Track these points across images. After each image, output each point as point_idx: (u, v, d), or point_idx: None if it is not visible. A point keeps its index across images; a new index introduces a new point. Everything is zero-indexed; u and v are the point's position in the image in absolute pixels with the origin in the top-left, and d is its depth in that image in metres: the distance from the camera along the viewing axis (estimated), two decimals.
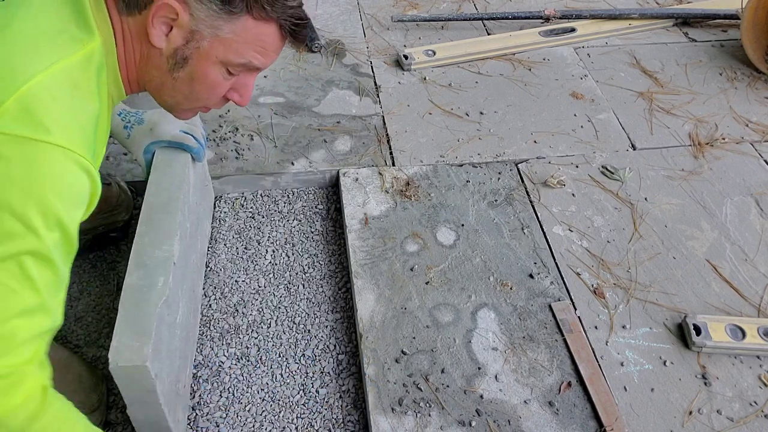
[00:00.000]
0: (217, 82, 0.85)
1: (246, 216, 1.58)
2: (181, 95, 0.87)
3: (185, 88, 0.85)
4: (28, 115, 0.66)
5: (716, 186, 1.65)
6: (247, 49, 0.82)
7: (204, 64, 0.82)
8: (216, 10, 0.77)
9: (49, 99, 0.68)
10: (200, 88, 0.85)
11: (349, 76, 2.00)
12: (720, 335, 1.27)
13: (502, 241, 1.48)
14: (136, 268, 1.00)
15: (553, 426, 1.16)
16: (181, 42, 0.80)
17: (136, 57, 0.82)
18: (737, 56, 2.14)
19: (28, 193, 0.66)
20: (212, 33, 0.79)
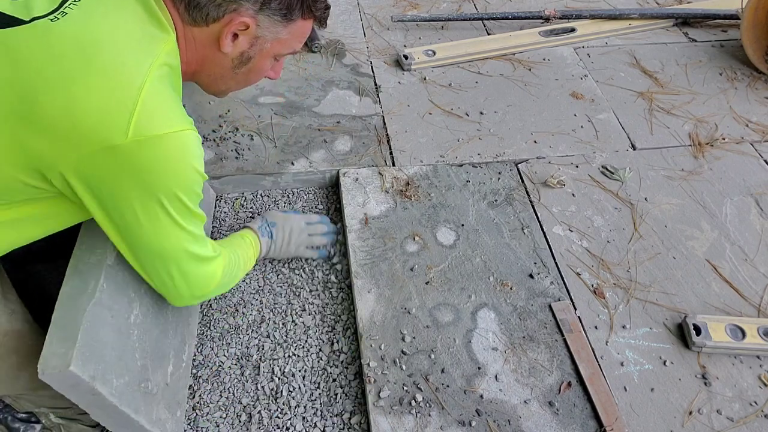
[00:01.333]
0: (266, 70, 1.02)
1: (246, 216, 1.58)
2: (234, 83, 1.02)
3: (242, 78, 1.01)
4: (155, 115, 0.79)
5: (716, 186, 1.65)
6: (295, 42, 0.99)
7: (263, 60, 0.98)
8: (279, 20, 0.92)
9: (161, 96, 0.81)
10: (253, 77, 1.02)
11: (349, 76, 2.00)
12: (720, 335, 1.27)
13: (502, 241, 1.48)
14: (72, 276, 0.99)
15: (553, 426, 1.16)
16: (246, 46, 0.94)
17: (198, 58, 0.94)
18: (737, 56, 2.14)
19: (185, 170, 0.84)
20: (273, 36, 0.94)
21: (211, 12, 0.87)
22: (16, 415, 1.12)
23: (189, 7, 0.87)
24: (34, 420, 1.12)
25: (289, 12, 0.92)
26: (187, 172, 0.85)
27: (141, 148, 0.77)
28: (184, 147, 0.83)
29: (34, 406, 1.08)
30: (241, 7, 0.88)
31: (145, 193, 0.82)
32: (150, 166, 0.79)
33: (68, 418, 1.11)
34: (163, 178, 0.82)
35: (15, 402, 1.06)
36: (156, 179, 0.81)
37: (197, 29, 0.89)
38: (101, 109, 0.75)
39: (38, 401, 1.07)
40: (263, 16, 0.90)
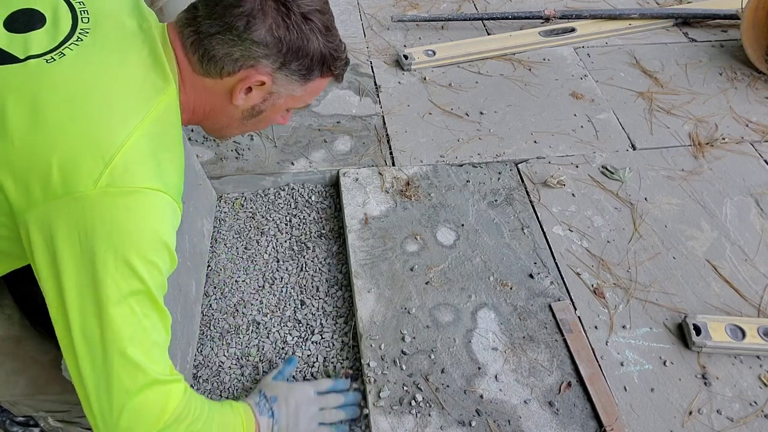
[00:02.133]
0: (277, 121, 0.99)
1: (246, 216, 1.58)
2: (239, 131, 0.99)
3: (250, 128, 0.98)
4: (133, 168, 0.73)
5: (716, 186, 1.65)
6: (309, 98, 0.96)
7: (274, 113, 0.95)
8: (296, 79, 0.89)
9: (146, 152, 0.75)
10: (261, 126, 0.98)
11: (349, 76, 2.00)
12: (720, 335, 1.27)
13: (502, 241, 1.48)
14: None
15: (553, 426, 1.16)
16: (259, 101, 0.91)
17: (206, 108, 0.91)
18: (737, 56, 2.14)
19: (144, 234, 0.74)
20: (288, 93, 0.91)
21: (226, 66, 0.84)
22: (14, 419, 1.11)
23: (203, 58, 0.84)
24: (33, 423, 1.12)
25: (308, 73, 0.89)
26: (151, 237, 0.75)
27: (106, 200, 0.71)
28: (155, 208, 0.75)
29: (32, 410, 1.07)
30: (259, 64, 0.84)
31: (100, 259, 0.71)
32: (112, 220, 0.71)
33: (67, 421, 1.11)
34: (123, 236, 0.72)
35: (13, 406, 1.06)
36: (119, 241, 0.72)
37: (209, 80, 0.86)
38: (76, 158, 0.70)
39: (36, 405, 1.06)
40: (281, 75, 0.87)
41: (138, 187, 0.73)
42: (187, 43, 0.84)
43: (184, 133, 1.21)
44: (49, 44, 0.77)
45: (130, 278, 0.73)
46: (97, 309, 0.72)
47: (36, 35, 0.77)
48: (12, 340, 0.98)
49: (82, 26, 0.80)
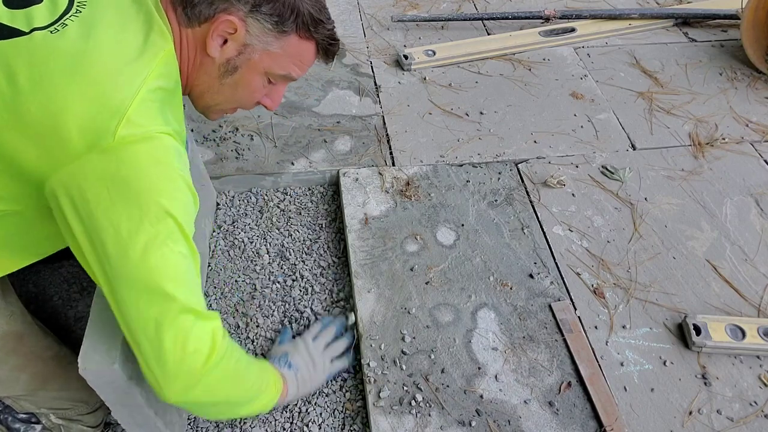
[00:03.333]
0: (257, 89, 0.95)
1: (246, 216, 1.58)
2: (222, 98, 0.96)
3: (229, 92, 0.94)
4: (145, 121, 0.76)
5: (716, 186, 1.65)
6: (289, 63, 0.93)
7: (251, 73, 0.92)
8: (269, 28, 0.87)
9: (153, 107, 0.78)
10: (242, 93, 0.95)
11: (349, 76, 2.00)
12: (720, 335, 1.27)
13: (502, 241, 1.48)
14: None
15: (553, 426, 1.16)
16: (234, 53, 0.89)
17: (190, 64, 0.90)
18: (737, 56, 2.14)
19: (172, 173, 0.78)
20: (263, 47, 0.89)
21: (203, 10, 0.85)
22: (16, 415, 1.12)
23: (185, 6, 0.85)
24: (35, 421, 1.12)
25: (280, 20, 0.87)
26: (178, 181, 0.79)
27: (128, 149, 0.74)
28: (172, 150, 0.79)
29: (34, 407, 1.08)
30: (232, 7, 0.85)
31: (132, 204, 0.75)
32: (137, 166, 0.75)
33: (69, 418, 1.11)
34: (151, 179, 0.76)
35: (15, 403, 1.06)
36: (146, 185, 0.75)
37: (190, 31, 0.87)
38: (89, 114, 0.73)
39: (38, 402, 1.07)
40: (253, 20, 0.86)
41: (153, 133, 0.76)
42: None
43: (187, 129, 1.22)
44: (50, 17, 0.79)
45: (164, 219, 0.76)
46: (138, 255, 0.75)
47: (37, 9, 0.80)
48: (14, 336, 0.99)
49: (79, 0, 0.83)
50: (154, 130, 0.76)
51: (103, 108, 0.73)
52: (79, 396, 1.09)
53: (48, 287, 1.40)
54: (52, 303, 1.37)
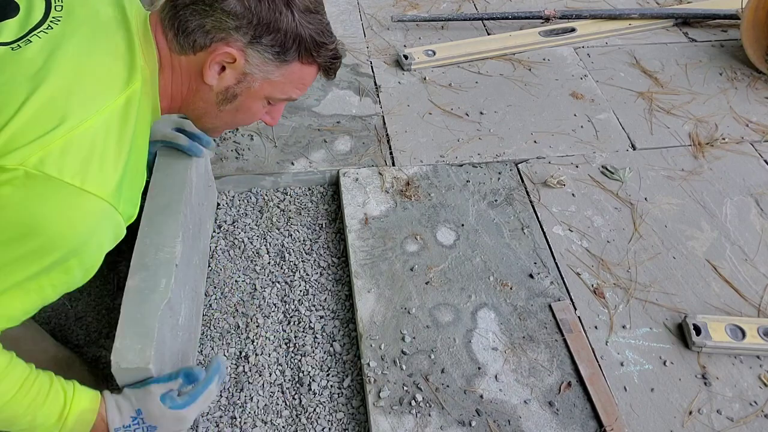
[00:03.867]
0: (258, 112, 0.93)
1: (246, 216, 1.58)
2: (221, 122, 0.94)
3: (229, 117, 0.92)
4: (69, 160, 0.69)
5: (716, 186, 1.65)
6: (291, 88, 0.90)
7: (251, 100, 0.89)
8: (270, 58, 0.84)
9: (92, 147, 0.71)
10: (242, 117, 0.93)
11: (349, 76, 2.00)
12: (720, 335, 1.27)
13: (502, 241, 1.48)
14: (139, 269, 1.00)
15: (553, 426, 1.16)
16: (232, 82, 0.86)
17: (183, 90, 0.87)
18: (737, 56, 2.14)
19: (57, 234, 0.69)
20: (263, 76, 0.86)
21: (198, 39, 0.81)
22: None
23: (177, 33, 0.82)
24: None
25: (282, 51, 0.84)
26: (58, 241, 0.70)
27: (24, 182, 0.67)
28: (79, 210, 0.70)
29: None
30: (230, 37, 0.81)
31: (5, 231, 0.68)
32: (24, 205, 0.67)
33: None
34: (27, 227, 0.68)
35: None
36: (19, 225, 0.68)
37: (184, 58, 0.84)
38: (16, 134, 0.67)
39: None
40: (253, 51, 0.83)
41: (69, 183, 0.69)
42: (165, 19, 0.83)
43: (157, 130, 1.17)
44: (17, 33, 0.76)
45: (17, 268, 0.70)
46: None
47: (7, 24, 0.77)
48: (10, 340, 0.98)
49: (54, 14, 0.79)
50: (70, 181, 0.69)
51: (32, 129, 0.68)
52: None
53: None
54: (52, 302, 1.37)
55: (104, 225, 0.73)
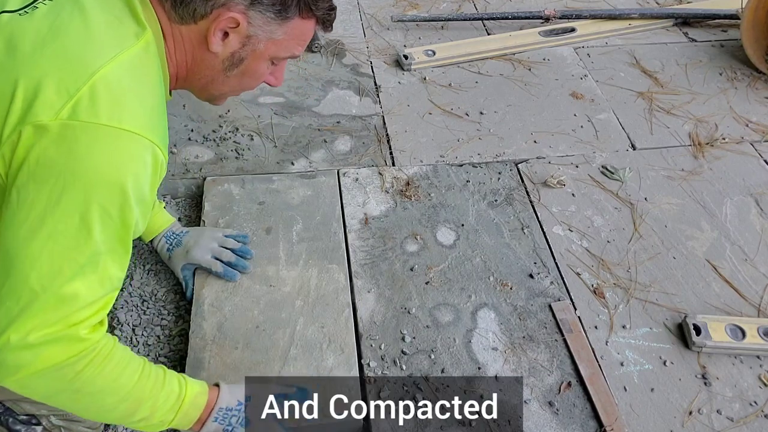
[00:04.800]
0: (264, 74, 0.93)
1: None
2: (228, 88, 0.94)
3: (235, 82, 0.92)
4: (100, 103, 0.70)
5: (716, 186, 1.65)
6: (294, 45, 0.90)
7: (257, 62, 0.89)
8: (272, 17, 0.84)
9: (118, 87, 0.72)
10: (249, 81, 0.93)
11: (349, 76, 2.00)
12: (720, 335, 1.27)
13: (502, 241, 1.48)
14: None
15: (553, 426, 1.16)
16: (237, 46, 0.86)
17: (187, 59, 0.87)
18: (737, 56, 2.14)
19: (101, 176, 0.70)
20: (267, 36, 0.86)
21: (198, 8, 0.81)
22: (17, 417, 1.11)
23: (176, 3, 0.81)
24: (35, 422, 1.12)
25: (284, 9, 0.83)
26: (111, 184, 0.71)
27: (67, 133, 0.68)
28: (124, 150, 0.71)
29: (34, 409, 1.07)
30: (231, 2, 0.80)
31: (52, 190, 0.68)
32: (69, 156, 0.68)
33: (69, 419, 1.11)
34: (81, 176, 0.69)
35: (15, 405, 1.06)
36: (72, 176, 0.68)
37: (185, 27, 0.83)
38: (41, 88, 0.69)
39: (38, 404, 1.06)
40: (255, 13, 0.82)
41: (106, 125, 0.70)
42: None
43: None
44: (23, 2, 0.78)
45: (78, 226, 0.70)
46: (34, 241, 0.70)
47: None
48: None
49: None
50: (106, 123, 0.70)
51: (55, 80, 0.69)
52: None
53: None
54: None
55: (148, 160, 0.75)
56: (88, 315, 0.75)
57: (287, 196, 1.54)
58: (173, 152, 1.66)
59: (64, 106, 0.69)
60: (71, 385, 0.77)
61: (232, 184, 1.56)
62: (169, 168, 1.61)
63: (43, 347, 0.72)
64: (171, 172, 1.60)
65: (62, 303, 0.72)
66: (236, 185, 1.56)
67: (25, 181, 0.69)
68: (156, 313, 1.33)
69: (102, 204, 0.71)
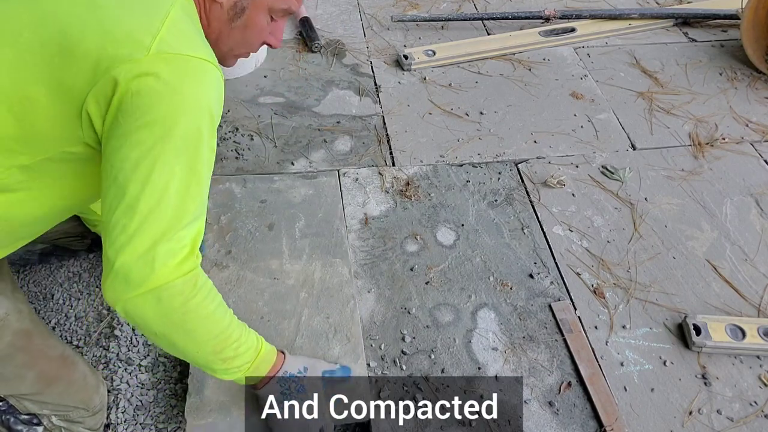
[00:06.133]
0: (264, 28, 0.99)
1: None
2: (234, 42, 0.99)
3: (239, 35, 0.98)
4: (178, 37, 0.80)
5: (716, 186, 1.65)
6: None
7: (256, 13, 0.96)
8: None
9: (184, 25, 0.82)
10: (251, 34, 0.98)
11: (349, 76, 2.00)
12: (720, 335, 1.27)
13: (502, 241, 1.48)
14: None
15: (553, 426, 1.16)
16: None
17: (202, 13, 0.94)
18: (737, 56, 2.14)
19: (196, 101, 0.79)
20: None
21: None
22: (18, 416, 1.12)
23: None
24: (36, 422, 1.12)
25: None
26: (201, 106, 0.80)
27: (161, 62, 0.77)
28: (208, 76, 0.81)
29: (37, 408, 1.08)
30: None
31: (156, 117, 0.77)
32: (167, 84, 0.77)
33: (70, 420, 1.11)
34: (180, 102, 0.78)
35: (18, 403, 1.06)
36: (172, 102, 0.77)
37: None
38: (126, 31, 0.77)
39: (41, 403, 1.07)
40: None
41: (191, 55, 0.79)
42: None
43: None
44: None
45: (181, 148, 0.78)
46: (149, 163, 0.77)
47: None
48: (23, 334, 0.99)
49: None
50: (188, 53, 0.79)
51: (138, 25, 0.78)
52: (80, 397, 1.09)
53: (49, 286, 1.40)
54: (53, 302, 1.37)
55: (219, 83, 0.84)
56: (194, 233, 0.81)
57: (289, 194, 1.54)
58: None
59: (152, 42, 0.77)
60: (176, 312, 0.81)
61: (233, 183, 1.56)
62: None
63: (162, 261, 0.77)
64: None
65: (175, 217, 0.78)
66: (237, 184, 1.56)
67: (130, 109, 0.76)
68: None
69: (200, 126, 0.80)
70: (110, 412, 1.19)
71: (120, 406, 1.19)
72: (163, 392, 1.22)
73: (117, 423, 1.18)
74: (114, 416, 1.18)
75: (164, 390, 1.22)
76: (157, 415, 1.19)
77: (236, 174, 1.61)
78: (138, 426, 1.17)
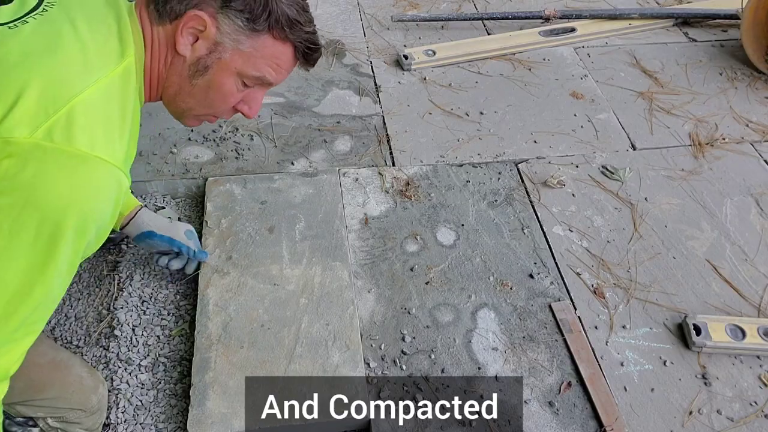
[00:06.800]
0: (231, 92, 0.90)
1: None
2: (194, 101, 0.91)
3: (201, 94, 0.90)
4: (76, 128, 0.70)
5: (716, 186, 1.65)
6: (263, 64, 0.88)
7: (222, 74, 0.87)
8: (241, 26, 0.84)
9: (94, 114, 0.73)
10: (215, 96, 0.90)
11: (349, 76, 2.00)
12: (720, 335, 1.27)
13: (502, 241, 1.48)
14: None
15: (553, 426, 1.16)
16: (204, 52, 0.85)
17: (161, 64, 0.87)
18: (737, 56, 2.14)
19: (70, 202, 0.69)
20: (234, 46, 0.85)
21: (175, 6, 0.82)
22: (13, 419, 1.11)
23: (157, 1, 0.83)
24: (32, 424, 1.12)
25: (252, 18, 0.83)
26: (78, 211, 0.70)
27: (38, 154, 0.67)
28: (92, 178, 0.71)
29: (31, 412, 1.07)
30: (203, 3, 0.82)
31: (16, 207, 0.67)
32: (34, 178, 0.67)
33: (67, 421, 1.10)
34: (44, 199, 0.68)
35: (11, 408, 1.05)
36: (36, 197, 0.67)
37: (162, 28, 0.84)
38: (21, 105, 0.68)
39: (34, 408, 1.05)
40: (224, 17, 0.83)
41: (79, 151, 0.69)
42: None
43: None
44: (13, 15, 0.78)
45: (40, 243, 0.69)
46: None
47: (3, 9, 0.79)
48: None
49: (48, 0, 0.81)
50: (82, 149, 0.69)
51: (34, 98, 0.69)
52: (76, 400, 1.08)
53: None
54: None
55: (113, 188, 0.74)
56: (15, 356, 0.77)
57: (289, 194, 1.54)
58: (173, 152, 1.66)
59: (40, 125, 0.68)
60: None
61: (233, 184, 1.56)
62: (169, 168, 1.61)
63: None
64: (171, 172, 1.60)
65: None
66: (238, 185, 1.56)
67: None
68: (156, 314, 1.33)
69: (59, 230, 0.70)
70: (110, 412, 1.19)
71: (120, 406, 1.19)
72: (163, 392, 1.22)
73: (117, 423, 1.18)
74: (114, 416, 1.18)
75: (164, 390, 1.22)
76: (157, 415, 1.19)
77: (236, 174, 1.61)
78: (138, 426, 1.17)
